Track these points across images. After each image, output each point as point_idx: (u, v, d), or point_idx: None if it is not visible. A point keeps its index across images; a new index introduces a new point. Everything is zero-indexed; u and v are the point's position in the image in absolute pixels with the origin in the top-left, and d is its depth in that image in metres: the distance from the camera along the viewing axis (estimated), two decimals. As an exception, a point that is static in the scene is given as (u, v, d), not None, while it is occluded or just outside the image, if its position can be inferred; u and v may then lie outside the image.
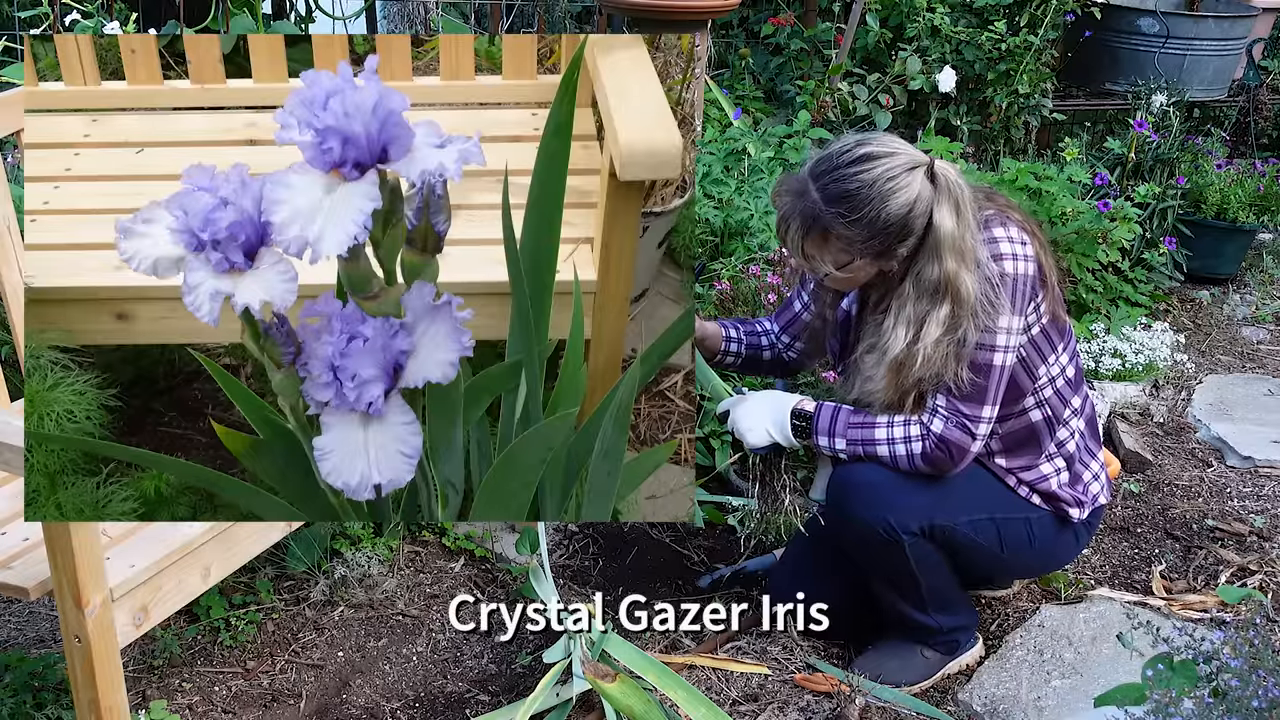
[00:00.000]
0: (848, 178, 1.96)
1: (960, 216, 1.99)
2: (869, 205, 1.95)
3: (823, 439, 2.12)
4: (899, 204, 1.95)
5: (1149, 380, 3.52)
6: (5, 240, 2.02)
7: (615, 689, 2.03)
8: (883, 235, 1.97)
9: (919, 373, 2.01)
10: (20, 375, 2.10)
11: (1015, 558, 2.25)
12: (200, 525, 1.81)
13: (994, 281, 2.00)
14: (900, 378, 2.03)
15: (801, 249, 2.04)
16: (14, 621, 2.43)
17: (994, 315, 2.00)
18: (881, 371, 2.05)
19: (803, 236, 2.02)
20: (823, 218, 1.98)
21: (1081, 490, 2.24)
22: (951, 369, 2.01)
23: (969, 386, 2.03)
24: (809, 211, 1.99)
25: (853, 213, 1.96)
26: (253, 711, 2.22)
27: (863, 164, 1.97)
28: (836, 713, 2.15)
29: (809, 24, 4.72)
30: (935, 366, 2.01)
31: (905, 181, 1.96)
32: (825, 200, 1.98)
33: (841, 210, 1.96)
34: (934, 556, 2.17)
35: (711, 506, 2.87)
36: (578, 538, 2.79)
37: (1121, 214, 3.80)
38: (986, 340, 2.02)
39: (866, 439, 2.09)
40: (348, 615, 2.48)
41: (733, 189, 3.48)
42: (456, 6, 5.02)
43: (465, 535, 2.72)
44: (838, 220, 1.97)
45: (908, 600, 2.24)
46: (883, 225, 1.96)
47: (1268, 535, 2.81)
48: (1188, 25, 4.69)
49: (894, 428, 2.08)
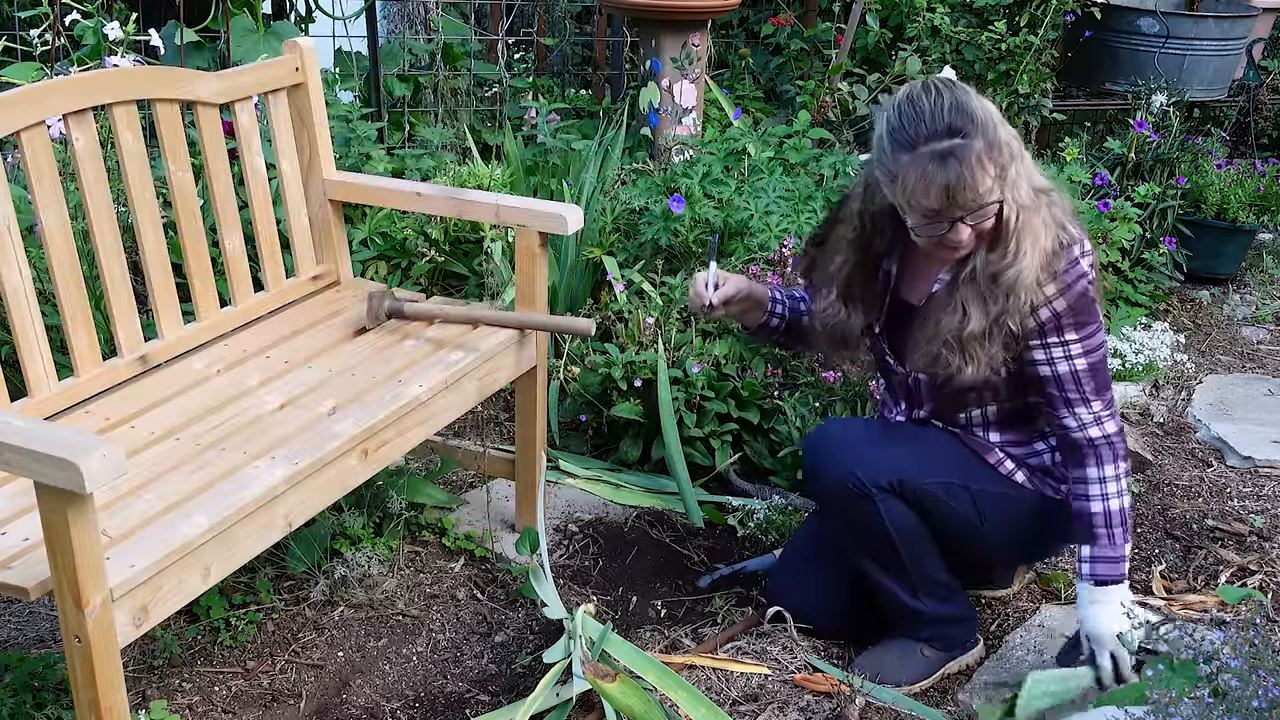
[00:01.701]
0: (940, 104, 1.97)
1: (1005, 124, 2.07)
2: (970, 101, 1.98)
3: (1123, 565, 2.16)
4: (973, 93, 2.00)
5: (1149, 380, 3.53)
6: (5, 240, 2.02)
7: (615, 689, 2.03)
8: (991, 121, 1.98)
9: (1049, 238, 2.05)
10: (20, 375, 2.10)
11: (998, 533, 2.24)
12: (200, 525, 1.81)
13: (1088, 288, 2.09)
14: (1012, 299, 2.05)
15: (976, 189, 1.97)
16: (14, 621, 2.43)
17: (1097, 317, 2.11)
18: (1025, 245, 2.03)
19: (973, 175, 1.96)
20: (963, 147, 1.95)
21: None
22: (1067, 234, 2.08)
23: (1107, 381, 2.14)
24: (953, 153, 1.95)
25: (968, 124, 1.95)
26: (253, 711, 2.22)
27: (930, 92, 1.99)
28: (836, 713, 2.15)
29: (809, 24, 4.72)
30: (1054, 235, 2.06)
31: (963, 89, 2.01)
32: (949, 135, 1.95)
33: (965, 129, 1.95)
34: (909, 519, 2.18)
35: (711, 506, 2.87)
36: (578, 538, 2.79)
37: (1121, 214, 3.80)
38: (1100, 340, 2.12)
39: (1116, 509, 2.15)
40: (348, 615, 2.48)
41: (733, 189, 3.48)
42: (456, 6, 5.02)
43: (465, 535, 2.72)
44: (968, 140, 1.94)
45: (898, 582, 2.24)
46: (985, 114, 1.98)
47: (1268, 535, 2.81)
48: (1188, 25, 4.69)
49: (1104, 469, 2.14)
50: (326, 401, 2.20)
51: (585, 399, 3.07)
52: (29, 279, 2.07)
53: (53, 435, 1.56)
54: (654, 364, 2.94)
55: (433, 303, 2.64)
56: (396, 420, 2.20)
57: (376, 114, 4.17)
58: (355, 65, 4.42)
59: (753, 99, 4.65)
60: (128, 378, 2.26)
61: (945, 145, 1.95)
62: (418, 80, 4.54)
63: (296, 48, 2.59)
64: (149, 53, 3.37)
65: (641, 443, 3.02)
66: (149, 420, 2.14)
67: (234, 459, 2.00)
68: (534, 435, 2.65)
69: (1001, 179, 1.99)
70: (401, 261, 3.55)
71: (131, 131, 2.25)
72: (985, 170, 1.96)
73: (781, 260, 3.19)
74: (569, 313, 3.42)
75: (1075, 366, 2.11)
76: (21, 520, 1.81)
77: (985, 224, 2.03)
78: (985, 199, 1.98)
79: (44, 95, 2.08)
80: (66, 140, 2.15)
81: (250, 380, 2.29)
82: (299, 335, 2.49)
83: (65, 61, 3.23)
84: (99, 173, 2.19)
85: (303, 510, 2.02)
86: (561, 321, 2.61)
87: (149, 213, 2.29)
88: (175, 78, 2.35)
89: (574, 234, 2.68)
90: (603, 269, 3.41)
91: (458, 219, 3.41)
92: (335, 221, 2.71)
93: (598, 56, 5.09)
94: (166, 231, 2.42)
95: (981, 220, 2.01)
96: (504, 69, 4.70)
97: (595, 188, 3.67)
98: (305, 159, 2.65)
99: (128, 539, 1.77)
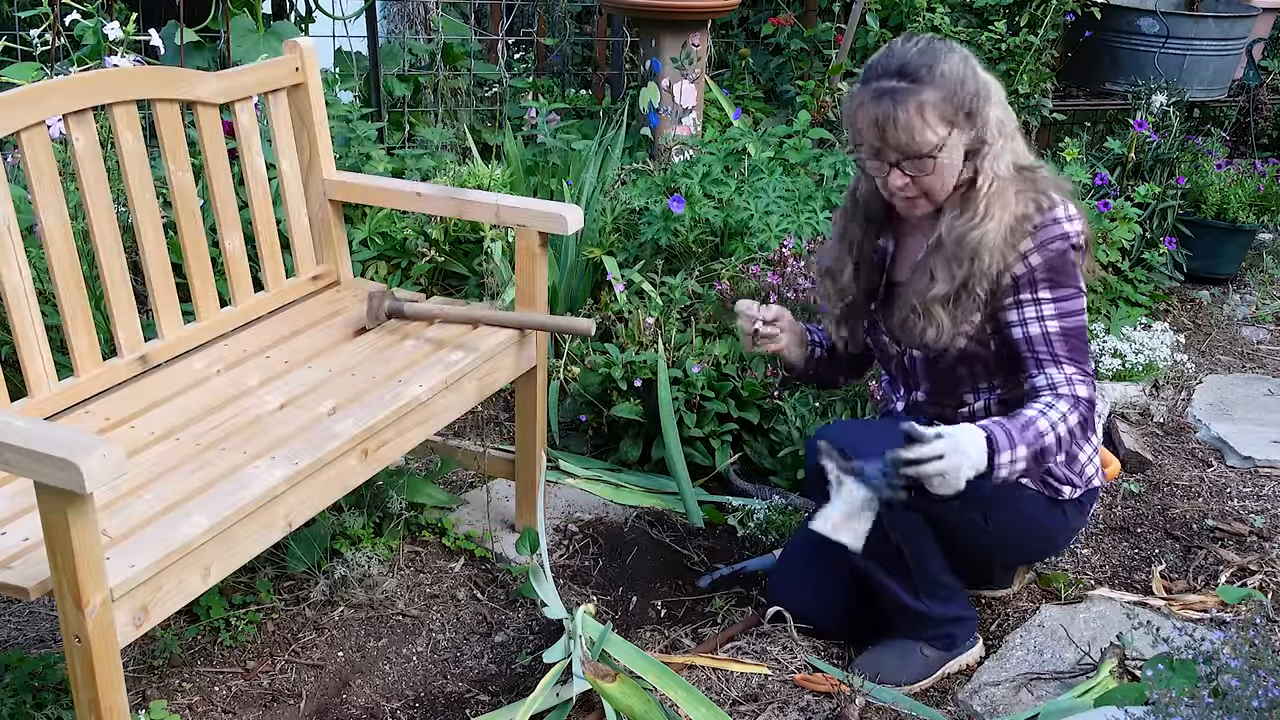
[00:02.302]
0: (900, 55, 2.03)
1: (1002, 105, 2.10)
2: (936, 60, 2.02)
3: (1005, 454, 2.02)
4: (955, 57, 2.03)
5: (1149, 380, 3.52)
6: (5, 240, 2.02)
7: (615, 689, 2.03)
8: (961, 87, 2.02)
9: (1021, 199, 2.09)
10: (20, 375, 2.10)
11: (1001, 536, 2.24)
12: (200, 525, 1.81)
13: (1069, 250, 2.09)
14: (976, 262, 2.07)
15: (909, 131, 2.02)
16: (14, 621, 2.43)
17: (1077, 281, 2.10)
18: (993, 208, 2.07)
19: (907, 115, 2.01)
20: (911, 90, 2.01)
21: (1077, 471, 2.25)
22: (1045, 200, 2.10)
23: (1082, 348, 2.11)
24: (898, 92, 2.01)
25: (929, 71, 2.01)
26: (253, 711, 2.22)
27: (902, 46, 2.05)
28: (836, 713, 2.15)
29: (809, 24, 4.72)
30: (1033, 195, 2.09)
31: (943, 43, 2.05)
32: (901, 76, 2.02)
33: (920, 73, 2.01)
34: (912, 521, 2.17)
35: (711, 506, 2.87)
36: (578, 538, 2.79)
37: (1121, 214, 3.80)
38: (1078, 305, 2.11)
39: (1036, 432, 2.05)
40: (348, 615, 2.48)
41: (733, 189, 3.48)
42: (456, 6, 5.02)
43: (465, 535, 2.72)
44: (921, 85, 2.00)
45: (899, 584, 2.24)
46: (955, 76, 2.02)
47: (1268, 535, 2.81)
48: (1188, 25, 4.69)
49: (1049, 410, 2.06)
50: (326, 401, 2.20)
51: (585, 399, 3.07)
52: (29, 279, 2.07)
53: (53, 435, 1.55)
54: (654, 364, 2.94)
55: (433, 303, 2.64)
56: (396, 420, 2.20)
57: (376, 114, 4.17)
58: (355, 65, 4.42)
59: (753, 99, 4.65)
60: (128, 378, 2.26)
61: (889, 84, 2.02)
62: (418, 80, 4.54)
63: (296, 48, 2.59)
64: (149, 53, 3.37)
65: (641, 443, 3.02)
66: (149, 420, 2.13)
67: (234, 459, 2.00)
68: (534, 435, 2.65)
69: (953, 136, 2.04)
70: (401, 261, 3.55)
71: (131, 131, 2.25)
72: (925, 119, 2.01)
73: (781, 260, 3.19)
74: (569, 313, 3.42)
75: (1047, 328, 2.09)
76: (21, 520, 1.81)
77: (926, 177, 2.07)
78: (920, 148, 2.03)
79: (44, 95, 2.08)
80: (66, 140, 2.15)
81: (250, 380, 2.29)
82: (299, 335, 2.49)
83: (65, 61, 3.23)
84: (99, 173, 2.19)
85: (303, 510, 2.02)
86: (561, 321, 2.61)
87: (149, 213, 2.29)
88: (175, 78, 2.35)
89: (574, 234, 2.69)
90: (603, 269, 3.41)
91: (458, 219, 3.41)
92: (335, 221, 2.71)
93: (598, 56, 5.09)
94: (166, 231, 2.42)
95: (921, 171, 2.06)
96: (504, 69, 4.70)
97: (595, 188, 3.67)
98: (305, 159, 2.65)
99: (128, 539, 1.77)
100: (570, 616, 2.24)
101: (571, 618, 2.23)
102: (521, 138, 4.16)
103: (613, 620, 2.49)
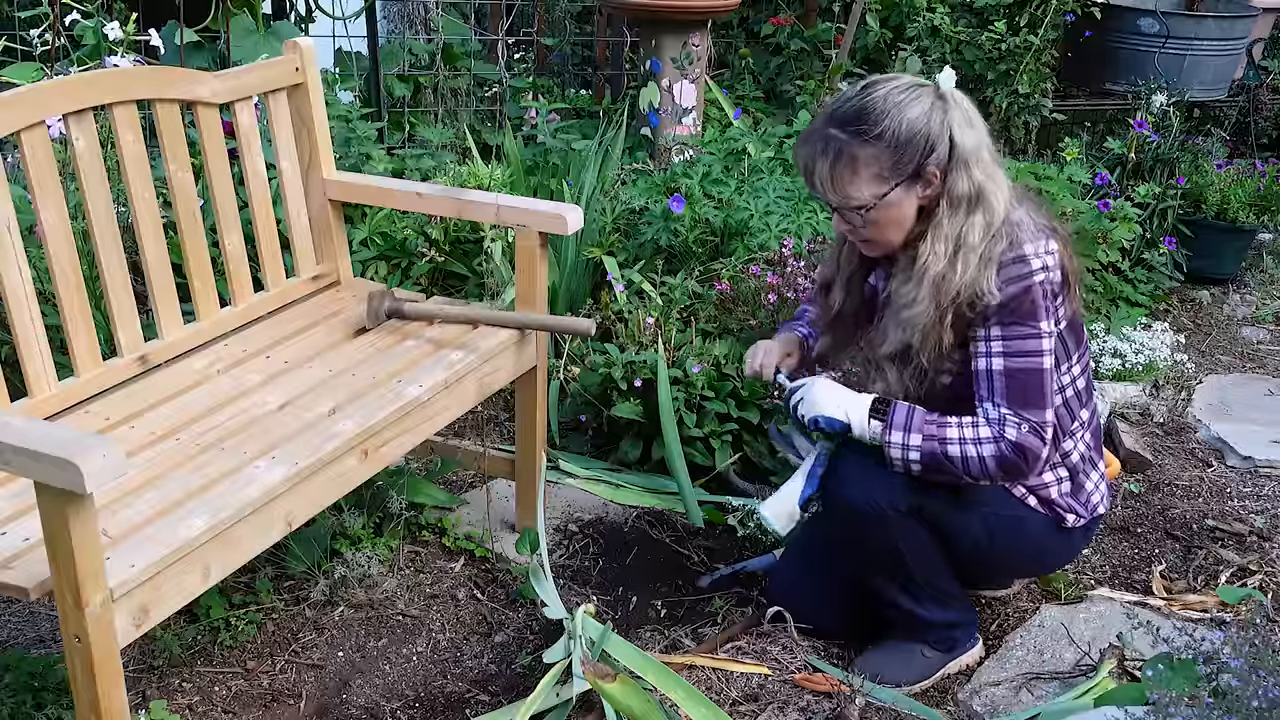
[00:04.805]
0: (858, 101, 2.00)
1: (977, 133, 2.02)
2: (886, 117, 1.97)
3: (897, 433, 2.07)
4: (915, 113, 1.97)
5: (1149, 380, 3.52)
6: (5, 240, 2.02)
7: (615, 689, 2.03)
8: (906, 148, 1.97)
9: (958, 285, 2.01)
10: (20, 375, 2.10)
11: (1003, 555, 2.25)
12: (200, 525, 1.81)
13: (1029, 288, 2.01)
14: (941, 294, 2.02)
15: (831, 184, 2.02)
16: (14, 621, 2.43)
17: (1035, 322, 2.02)
18: (923, 291, 2.03)
19: (831, 169, 2.01)
20: (846, 143, 1.99)
21: (1082, 500, 2.23)
22: (985, 284, 2.01)
23: (1026, 393, 2.02)
24: (831, 142, 2.00)
25: (874, 127, 1.97)
26: (253, 711, 2.22)
27: (869, 89, 2.02)
28: (836, 713, 2.15)
29: (809, 24, 4.72)
30: (971, 281, 2.00)
31: (915, 95, 1.99)
32: (843, 125, 1.99)
33: (861, 128, 1.98)
34: (921, 539, 2.17)
35: (711, 506, 2.87)
36: (578, 538, 2.79)
37: (1121, 214, 3.80)
38: (1032, 347, 2.02)
39: (940, 435, 2.05)
40: (348, 615, 2.48)
41: (733, 189, 3.48)
42: (456, 6, 5.02)
43: (465, 535, 2.72)
44: (859, 140, 1.98)
45: (901, 590, 2.24)
46: (905, 137, 1.97)
47: (1268, 535, 2.81)
48: (1188, 25, 4.69)
49: (964, 428, 2.05)
50: (326, 401, 2.20)
51: (585, 399, 3.07)
52: (29, 279, 2.07)
53: (53, 435, 1.55)
54: (654, 364, 2.94)
55: (433, 303, 2.64)
56: (396, 420, 2.20)
57: (376, 114, 4.17)
58: (355, 65, 4.42)
59: (753, 99, 4.65)
60: (128, 378, 2.26)
61: (829, 130, 2.00)
62: (418, 80, 4.54)
63: (296, 48, 2.59)
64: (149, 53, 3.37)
65: (641, 443, 3.02)
66: (149, 420, 2.13)
67: (234, 459, 2.00)
68: (534, 435, 2.65)
69: (893, 194, 2.00)
70: (401, 261, 3.55)
71: (131, 131, 2.25)
72: (856, 175, 2.00)
73: (781, 260, 3.19)
74: (569, 313, 3.42)
75: (992, 365, 2.04)
76: (21, 520, 1.81)
77: (863, 231, 2.06)
78: (846, 202, 2.03)
79: (44, 95, 2.08)
80: (66, 140, 2.15)
81: (250, 380, 2.29)
82: (299, 335, 2.49)
83: (65, 61, 3.23)
84: (99, 173, 2.19)
85: (302, 510, 2.02)
86: (561, 321, 2.61)
87: (149, 213, 2.29)
88: (175, 78, 2.35)
89: (574, 234, 2.68)
90: (603, 269, 3.41)
91: (458, 219, 3.40)
92: (335, 221, 2.71)
93: (598, 56, 5.09)
94: (166, 231, 2.42)
95: (853, 224, 2.05)
96: (504, 69, 4.70)
97: (595, 188, 3.67)
98: (305, 159, 2.65)
99: (128, 539, 1.77)
100: (570, 616, 2.24)
101: (571, 618, 2.23)
102: (521, 138, 4.16)
103: (613, 620, 2.49)
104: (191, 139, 2.53)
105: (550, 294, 3.25)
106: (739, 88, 4.69)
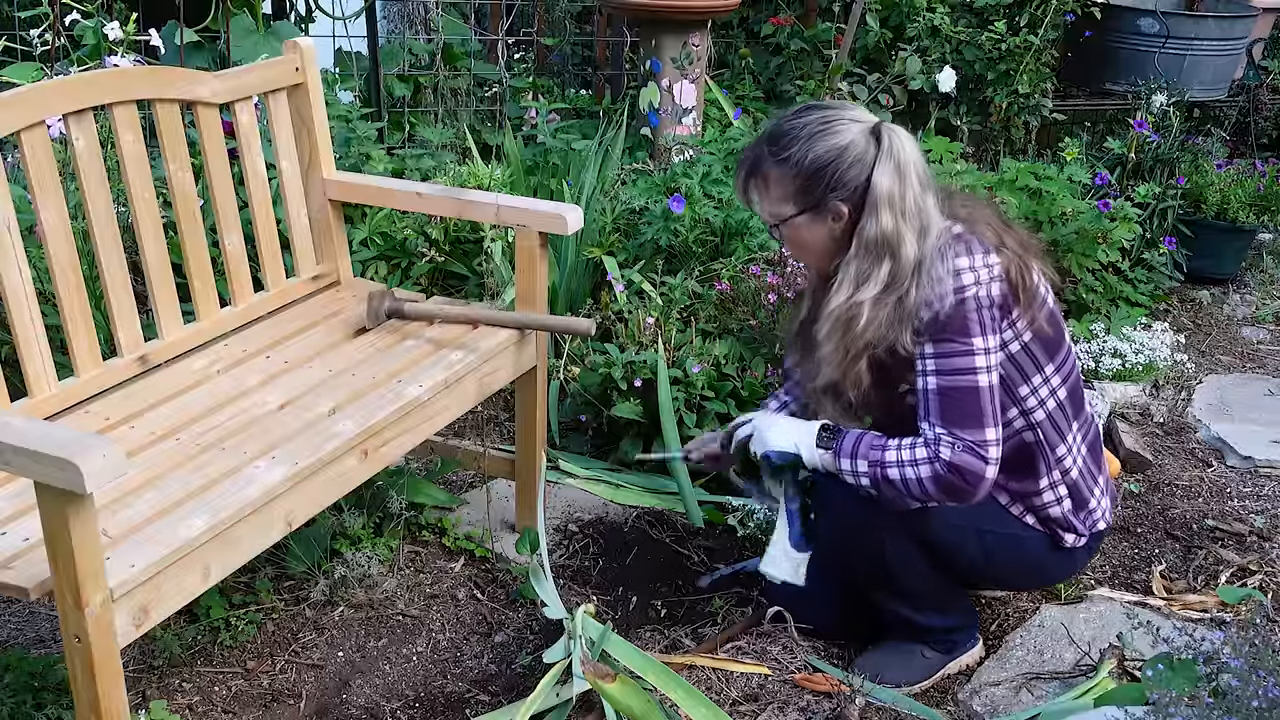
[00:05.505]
0: (786, 122, 2.03)
1: (903, 179, 1.97)
2: (797, 144, 1.99)
3: (845, 461, 2.07)
4: (826, 146, 1.98)
5: (1149, 380, 3.52)
6: (5, 240, 2.02)
7: (615, 689, 2.03)
8: (811, 178, 1.99)
9: (864, 334, 1.99)
10: (20, 375, 2.10)
11: (1002, 572, 2.26)
12: (200, 525, 1.81)
13: (961, 302, 1.97)
14: (846, 339, 2.01)
15: (745, 194, 2.10)
16: (14, 621, 2.43)
17: (967, 338, 1.98)
18: (826, 330, 2.03)
19: (745, 179, 2.08)
20: (762, 159, 2.04)
21: (1084, 517, 2.21)
22: (897, 333, 1.98)
23: (961, 411, 1.99)
24: (754, 154, 2.06)
25: (783, 150, 2.00)
26: (253, 711, 2.22)
27: (804, 113, 2.04)
28: (836, 713, 2.15)
29: (809, 24, 4.72)
30: (880, 329, 1.98)
31: (839, 129, 1.99)
32: (768, 141, 2.04)
33: (774, 148, 2.02)
34: (915, 557, 2.16)
35: (711, 506, 2.87)
36: (578, 538, 2.79)
37: (1121, 214, 3.80)
38: (964, 364, 1.99)
39: (880, 460, 2.04)
40: (348, 615, 2.48)
41: (732, 189, 3.48)
42: (456, 6, 5.02)
43: (465, 535, 2.72)
44: (772, 159, 2.02)
45: (900, 600, 2.24)
46: (810, 166, 1.98)
47: (1268, 535, 2.81)
48: (1188, 25, 4.69)
49: (902, 449, 2.03)
50: (326, 401, 2.20)
51: (585, 399, 3.07)
52: (29, 279, 2.07)
53: (53, 435, 1.55)
54: (654, 364, 2.94)
55: (433, 303, 2.64)
56: (396, 420, 2.20)
57: (376, 114, 4.17)
58: (355, 65, 4.42)
59: (753, 99, 4.65)
60: (128, 378, 2.26)
61: (759, 146, 2.06)
62: (418, 80, 4.54)
63: (296, 48, 2.59)
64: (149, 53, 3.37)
65: (641, 443, 3.02)
66: (149, 420, 2.13)
67: (234, 459, 2.00)
68: (534, 435, 2.65)
69: (801, 219, 2.03)
70: (401, 261, 3.55)
71: (131, 131, 2.25)
72: (768, 191, 2.05)
73: (781, 260, 3.19)
74: (569, 313, 3.42)
75: (928, 384, 2.01)
76: (21, 520, 1.81)
77: (790, 245, 2.11)
78: (763, 216, 2.09)
79: (44, 95, 2.08)
80: (66, 140, 2.15)
81: (250, 380, 2.29)
82: (299, 335, 2.49)
83: (65, 61, 3.23)
84: (99, 173, 2.19)
85: (302, 510, 2.02)
86: (561, 321, 2.61)
87: (149, 213, 2.29)
88: (175, 78, 2.35)
89: (574, 234, 2.68)
90: (603, 269, 3.41)
91: (458, 219, 3.41)
92: (335, 221, 2.71)
93: (598, 56, 5.09)
94: (166, 231, 2.42)
95: (777, 236, 2.10)
96: (504, 69, 4.70)
97: (595, 188, 3.67)
98: (305, 159, 2.65)
99: (128, 539, 1.77)
100: (570, 616, 2.24)
101: (571, 618, 2.23)
102: (521, 138, 4.16)
103: (613, 620, 2.49)
104: (191, 139, 2.53)
105: (550, 294, 3.25)
106: (739, 88, 4.69)
